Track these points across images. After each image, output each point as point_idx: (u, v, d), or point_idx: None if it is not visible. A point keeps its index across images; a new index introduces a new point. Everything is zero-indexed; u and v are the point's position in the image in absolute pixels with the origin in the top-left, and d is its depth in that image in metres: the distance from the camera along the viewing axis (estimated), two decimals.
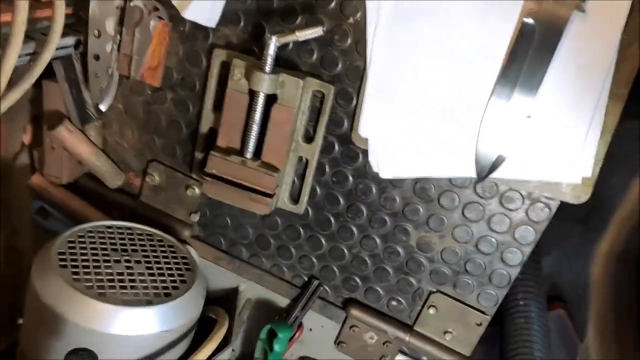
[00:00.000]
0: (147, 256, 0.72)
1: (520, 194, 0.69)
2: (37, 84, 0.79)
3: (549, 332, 1.10)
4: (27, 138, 0.87)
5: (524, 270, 0.74)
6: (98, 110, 0.82)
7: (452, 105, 0.66)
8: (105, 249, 0.70)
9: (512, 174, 0.66)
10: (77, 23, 0.78)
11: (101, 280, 0.65)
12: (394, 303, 0.80)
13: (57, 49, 0.68)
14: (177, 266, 0.72)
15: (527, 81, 0.61)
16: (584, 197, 0.65)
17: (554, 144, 0.64)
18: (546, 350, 1.03)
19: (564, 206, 0.67)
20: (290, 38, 0.66)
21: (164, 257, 0.73)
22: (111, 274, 0.66)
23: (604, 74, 0.59)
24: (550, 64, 0.59)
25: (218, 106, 0.75)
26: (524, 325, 1.08)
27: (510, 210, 0.70)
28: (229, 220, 0.84)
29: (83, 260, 0.67)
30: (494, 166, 0.66)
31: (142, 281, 0.67)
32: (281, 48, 0.69)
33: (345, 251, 0.79)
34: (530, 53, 0.60)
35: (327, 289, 0.83)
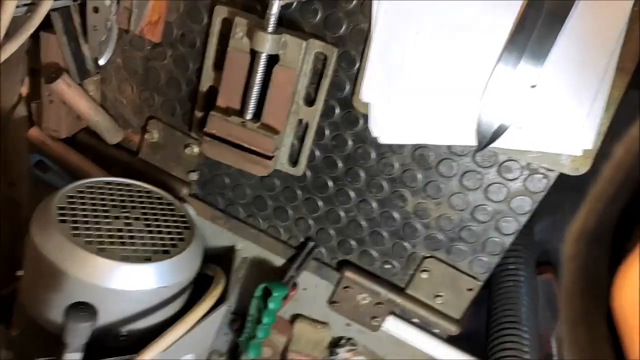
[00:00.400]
0: (146, 213, 0.72)
1: (519, 164, 0.69)
2: (35, 36, 0.77)
3: (536, 296, 1.13)
4: (25, 90, 0.86)
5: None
6: (97, 65, 0.81)
7: (455, 72, 0.66)
8: (105, 205, 0.71)
9: (513, 143, 0.67)
10: None
11: (100, 236, 0.65)
12: (387, 266, 0.82)
13: None
14: (175, 224, 0.72)
15: (535, 50, 0.60)
16: (582, 169, 0.66)
17: (557, 115, 0.64)
18: (532, 312, 1.06)
19: (559, 174, 0.68)
20: None
21: (162, 215, 0.73)
22: (110, 230, 0.67)
23: (612, 46, 0.58)
24: (559, 35, 0.59)
25: (219, 65, 0.74)
26: (513, 288, 1.10)
27: (508, 180, 0.70)
28: (227, 180, 0.84)
29: (83, 216, 0.67)
30: (495, 135, 0.66)
31: (141, 238, 0.68)
32: (285, 7, 0.68)
33: (342, 214, 0.80)
34: (539, 22, 0.59)
35: (323, 250, 0.84)
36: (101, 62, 0.79)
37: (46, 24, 0.75)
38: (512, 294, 1.09)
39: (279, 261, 0.87)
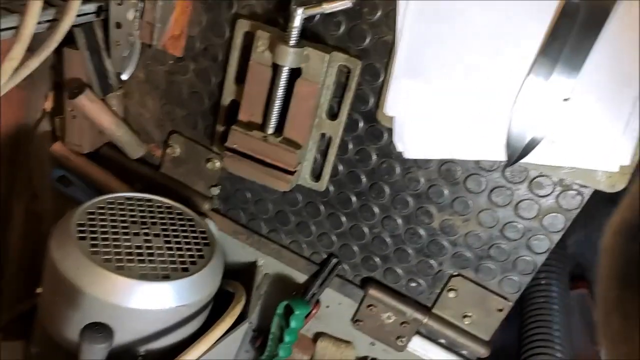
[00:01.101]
0: (166, 229, 0.71)
1: (552, 180, 0.66)
2: (58, 51, 0.77)
3: (570, 312, 1.08)
4: (48, 105, 0.86)
5: None
6: (119, 79, 0.80)
7: (483, 85, 0.63)
8: (125, 221, 0.70)
9: (544, 159, 0.64)
10: None
11: (119, 253, 0.64)
12: (413, 284, 0.79)
13: (77, 15, 0.66)
14: (195, 241, 0.71)
15: (568, 61, 0.57)
16: (619, 185, 0.62)
17: (592, 129, 0.61)
18: (566, 330, 1.01)
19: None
20: (317, 10, 0.63)
21: (182, 231, 0.72)
22: (130, 247, 0.66)
23: None
24: (594, 45, 0.56)
25: (240, 78, 0.73)
26: (545, 304, 1.06)
27: (540, 196, 0.67)
28: (249, 195, 0.83)
29: (102, 233, 0.66)
30: (526, 150, 0.63)
31: (160, 255, 0.66)
32: (307, 20, 0.66)
33: (366, 230, 0.78)
34: (573, 32, 0.56)
35: (346, 267, 0.82)
36: (124, 76, 0.79)
37: (69, 40, 0.75)
38: (544, 310, 1.05)
39: (301, 277, 0.85)
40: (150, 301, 0.62)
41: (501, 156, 0.65)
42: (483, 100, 0.64)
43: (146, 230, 0.69)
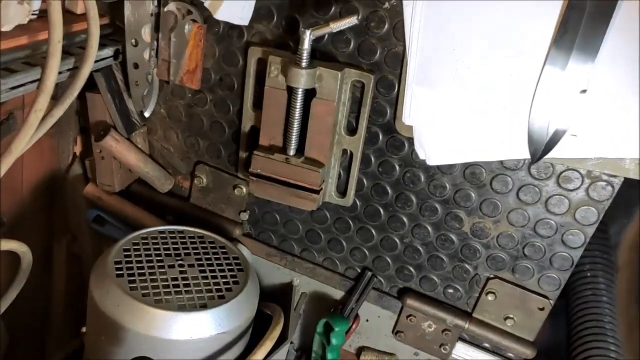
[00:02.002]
0: (200, 259, 0.72)
1: (579, 173, 0.65)
2: (82, 96, 0.80)
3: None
4: (78, 149, 0.90)
5: (590, 239, 0.70)
6: (142, 117, 0.83)
7: (500, 84, 0.63)
8: (160, 255, 0.71)
9: (569, 152, 0.63)
10: (115, 32, 0.78)
11: (157, 287, 0.66)
12: (450, 291, 0.78)
13: (96, 61, 0.69)
14: (229, 267, 0.72)
15: (582, 50, 0.57)
16: None
17: (614, 118, 0.59)
18: (616, 322, 0.98)
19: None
20: (324, 30, 0.64)
21: (216, 259, 0.73)
22: (166, 280, 0.67)
23: None
24: (607, 34, 0.55)
25: (258, 104, 0.74)
26: (592, 297, 1.03)
27: (569, 190, 0.66)
28: (278, 217, 0.83)
29: (138, 268, 0.68)
30: (549, 146, 0.62)
31: (196, 285, 0.68)
32: (316, 40, 0.67)
33: (397, 241, 0.78)
34: (583, 23, 0.56)
35: (381, 279, 0.82)
36: (146, 114, 0.82)
37: (91, 84, 0.78)
38: (592, 303, 1.02)
39: (337, 294, 0.85)
40: (190, 331, 0.63)
41: (525, 154, 0.64)
42: (500, 99, 0.63)
43: (181, 262, 0.71)
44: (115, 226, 0.89)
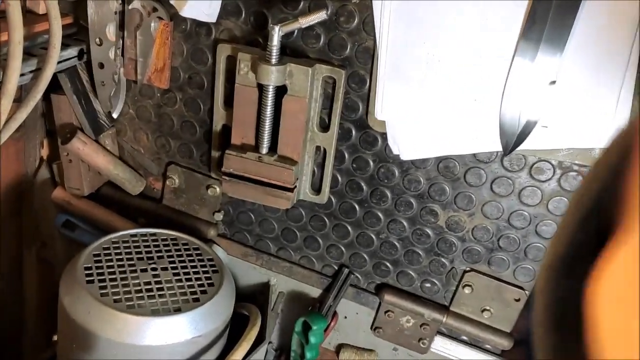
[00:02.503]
0: (174, 262, 0.71)
1: (551, 164, 0.65)
2: (47, 98, 0.78)
3: None
4: (45, 152, 0.87)
5: None
6: (110, 118, 0.81)
7: (470, 78, 0.63)
8: (131, 259, 0.70)
9: (540, 144, 0.63)
10: (79, 31, 0.76)
11: (129, 292, 0.64)
12: (427, 285, 0.78)
13: (59, 62, 0.67)
14: (204, 269, 0.71)
15: (551, 41, 0.57)
16: None
17: (584, 108, 0.60)
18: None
19: None
20: (293, 26, 0.63)
21: (190, 261, 0.72)
22: (139, 285, 0.66)
23: (633, 29, 0.54)
24: (574, 25, 0.55)
25: (229, 102, 0.73)
26: None
27: (542, 181, 0.66)
28: (252, 216, 0.82)
29: (110, 273, 0.66)
30: (521, 138, 0.63)
31: (170, 289, 0.66)
32: (286, 36, 0.67)
33: (373, 237, 0.77)
34: (550, 15, 0.56)
35: (359, 276, 0.81)
36: (114, 115, 0.80)
37: (56, 86, 0.75)
38: None
39: (315, 292, 0.85)
40: (164, 336, 0.61)
41: (497, 146, 0.64)
42: (471, 92, 0.63)
43: (153, 265, 0.69)
44: (86, 231, 0.86)
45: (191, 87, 0.76)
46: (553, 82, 0.59)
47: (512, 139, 0.63)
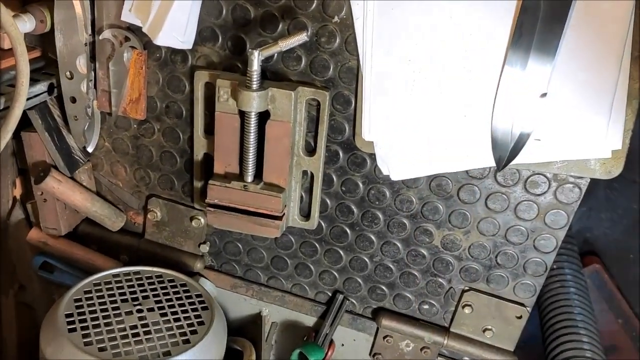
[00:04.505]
0: (160, 301, 0.67)
1: (546, 177, 0.63)
2: (17, 136, 0.74)
3: (587, 290, 1.05)
4: (17, 192, 0.83)
5: None
6: (85, 153, 0.77)
7: (459, 94, 0.61)
8: (115, 301, 0.66)
9: (534, 157, 0.61)
10: (48, 65, 0.73)
11: (114, 339, 0.60)
12: (425, 307, 0.76)
13: (28, 98, 0.63)
14: (192, 307, 0.67)
15: (540, 50, 0.55)
16: (615, 171, 0.60)
17: (577, 120, 0.58)
18: (586, 310, 0.98)
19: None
20: (273, 49, 0.61)
21: (177, 299, 0.68)
22: (124, 329, 0.62)
23: (623, 37, 0.53)
24: (563, 34, 0.54)
25: (210, 130, 0.70)
26: (560, 289, 1.03)
27: (537, 195, 0.65)
28: (240, 246, 0.79)
29: (92, 319, 0.63)
30: (514, 151, 0.61)
31: (157, 331, 0.63)
32: (266, 60, 0.64)
33: (367, 260, 0.75)
34: (538, 25, 0.54)
35: (354, 301, 0.79)
36: (89, 149, 0.76)
37: (27, 123, 0.72)
38: (561, 295, 1.02)
39: (310, 320, 0.82)
40: None
41: (490, 162, 0.62)
42: (461, 108, 0.61)
43: (139, 307, 0.66)
44: (65, 272, 0.82)
45: (169, 116, 0.73)
46: (544, 95, 0.57)
47: (506, 153, 0.61)
